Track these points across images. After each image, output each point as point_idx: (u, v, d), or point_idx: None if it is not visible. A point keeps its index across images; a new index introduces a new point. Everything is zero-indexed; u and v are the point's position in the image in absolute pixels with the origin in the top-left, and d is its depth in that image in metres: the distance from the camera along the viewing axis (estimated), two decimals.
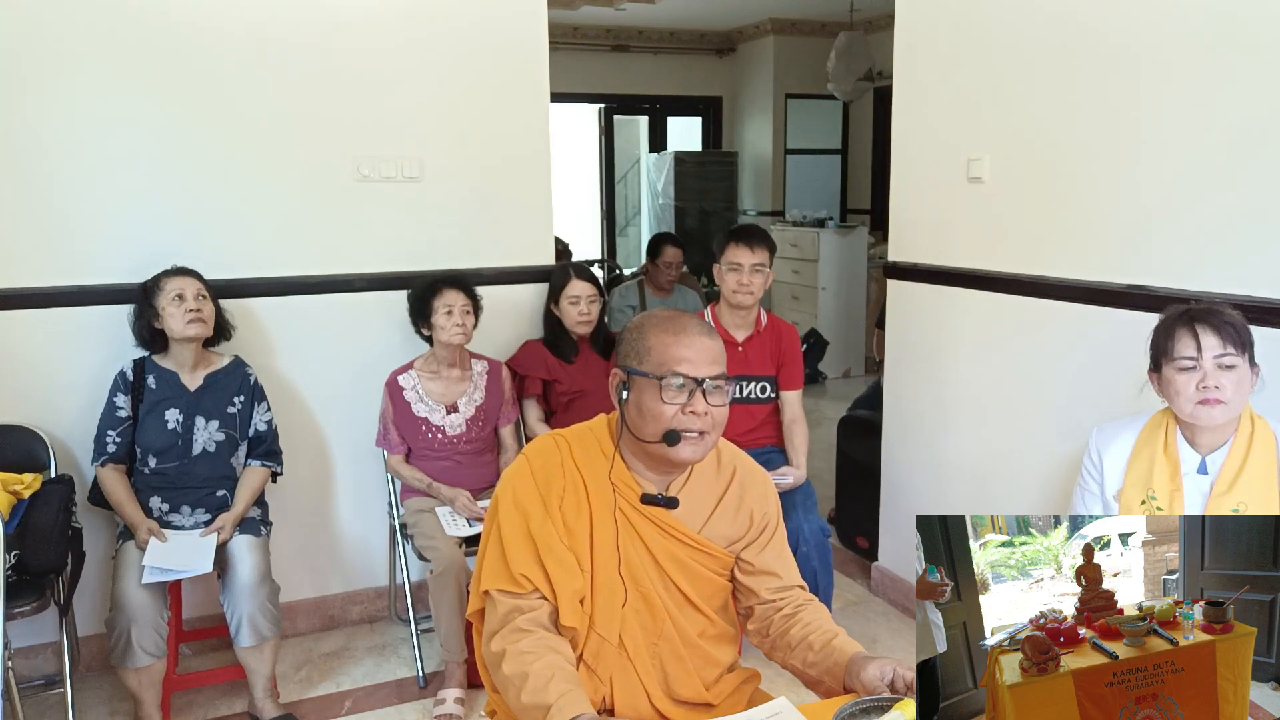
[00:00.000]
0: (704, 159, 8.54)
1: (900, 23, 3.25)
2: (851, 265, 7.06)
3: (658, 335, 1.56)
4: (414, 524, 2.92)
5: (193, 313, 2.68)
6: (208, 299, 2.75)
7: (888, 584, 3.53)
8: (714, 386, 1.55)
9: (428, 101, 3.16)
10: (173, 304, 2.68)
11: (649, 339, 1.56)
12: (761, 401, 3.09)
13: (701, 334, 1.57)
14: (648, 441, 1.56)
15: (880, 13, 7.14)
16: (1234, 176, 2.25)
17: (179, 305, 2.67)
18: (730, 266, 2.98)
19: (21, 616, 2.42)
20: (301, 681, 2.99)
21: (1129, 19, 2.45)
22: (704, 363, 1.54)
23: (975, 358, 3.06)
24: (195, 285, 2.73)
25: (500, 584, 1.55)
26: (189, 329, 2.68)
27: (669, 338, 1.55)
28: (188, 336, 2.70)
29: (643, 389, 1.55)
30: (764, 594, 1.68)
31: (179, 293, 2.68)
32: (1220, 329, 1.87)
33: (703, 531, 1.64)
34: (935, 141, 3.12)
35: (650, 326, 1.58)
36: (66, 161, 2.80)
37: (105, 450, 2.69)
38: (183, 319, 2.67)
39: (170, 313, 2.67)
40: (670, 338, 1.55)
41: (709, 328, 1.60)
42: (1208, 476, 1.95)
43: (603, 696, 1.59)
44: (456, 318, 2.94)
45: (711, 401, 1.54)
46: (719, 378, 1.55)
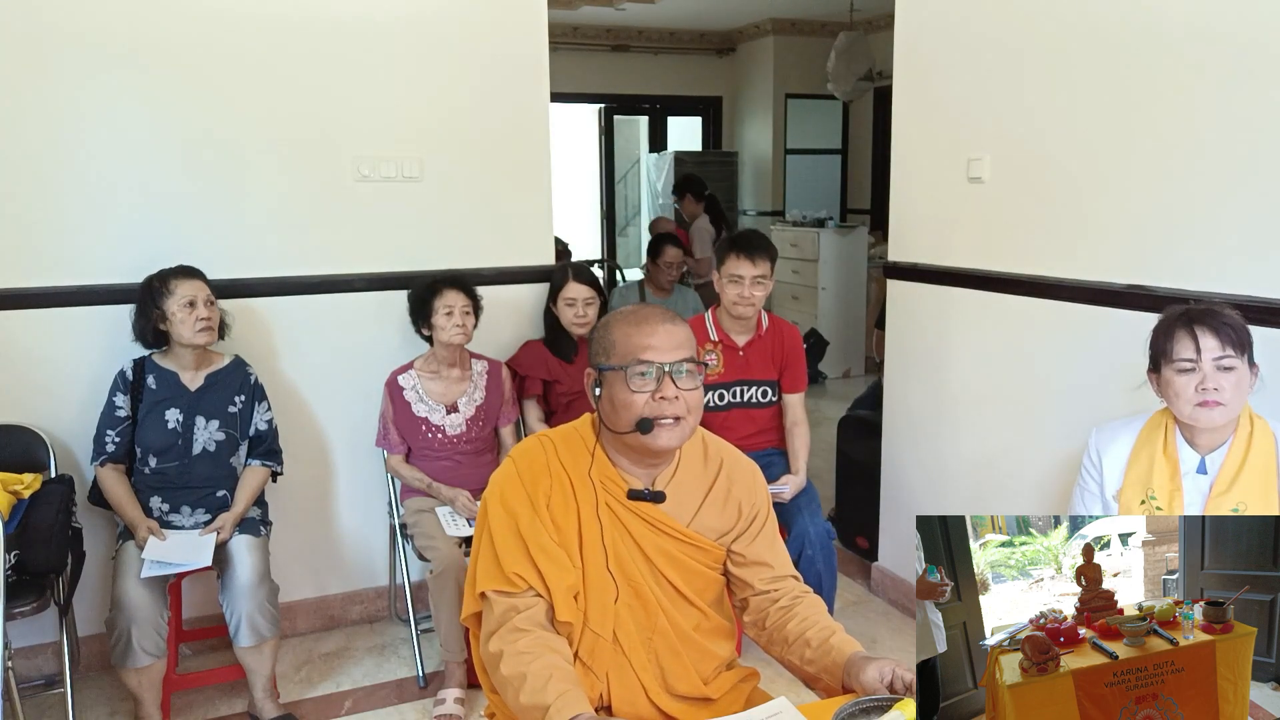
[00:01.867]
0: (704, 159, 8.55)
1: (900, 23, 3.25)
2: (851, 265, 7.06)
3: (621, 328, 1.58)
4: (414, 524, 2.92)
5: (203, 321, 2.67)
6: (214, 303, 2.74)
7: (888, 584, 3.53)
8: (682, 371, 1.55)
9: (428, 102, 3.16)
10: (184, 309, 2.66)
11: (614, 333, 1.59)
12: (763, 405, 3.08)
13: (664, 321, 1.58)
14: (623, 433, 1.57)
15: (880, 13, 7.14)
16: (1234, 177, 2.25)
17: (190, 312, 2.66)
18: (731, 278, 2.95)
19: (21, 616, 2.42)
20: (301, 681, 2.99)
21: (1129, 19, 2.45)
22: (668, 348, 1.55)
23: (975, 358, 3.06)
24: (205, 290, 2.72)
25: (495, 584, 1.55)
26: (199, 337, 2.68)
27: (631, 329, 1.57)
28: (196, 344, 2.70)
29: (613, 382, 1.57)
30: (757, 585, 1.68)
31: (190, 299, 2.66)
32: (1219, 330, 1.87)
33: (691, 525, 1.65)
34: (935, 141, 3.12)
35: (614, 322, 1.61)
36: (67, 162, 2.80)
37: (105, 450, 2.69)
38: (194, 326, 2.66)
39: (181, 319, 2.66)
40: (632, 328, 1.57)
41: (672, 315, 1.61)
42: (1207, 476, 1.95)
43: (600, 693, 1.59)
44: (457, 318, 2.94)
45: (682, 386, 1.55)
46: (687, 361, 1.56)
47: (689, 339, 1.59)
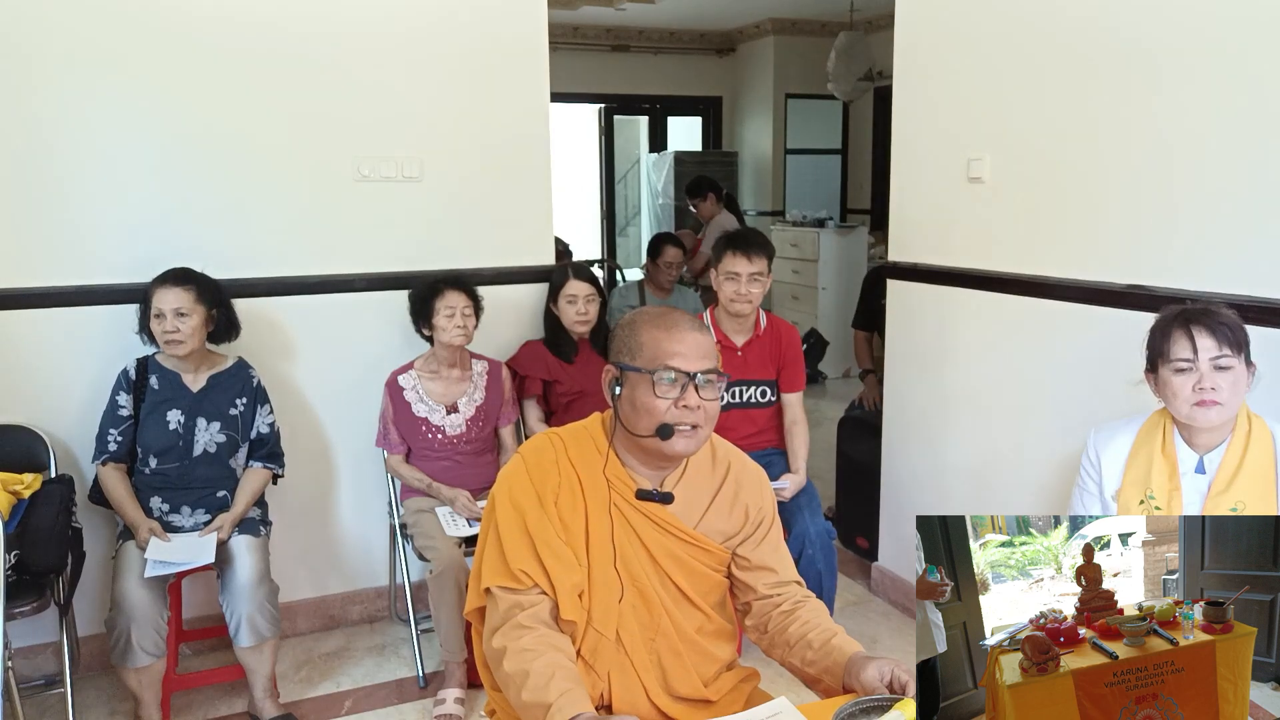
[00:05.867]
0: (704, 159, 8.54)
1: (900, 23, 3.25)
2: (851, 265, 7.06)
3: (650, 331, 1.58)
4: (414, 524, 2.92)
5: (167, 334, 2.64)
6: (193, 312, 2.66)
7: (888, 584, 3.53)
8: (706, 381, 1.56)
9: (428, 101, 3.16)
10: (155, 321, 2.66)
11: (641, 335, 1.58)
12: (762, 405, 3.08)
13: (693, 329, 1.59)
14: (641, 436, 1.57)
15: (880, 13, 7.14)
16: (1234, 177, 2.25)
17: (159, 324, 2.65)
18: (727, 276, 2.95)
19: (21, 616, 2.43)
20: (301, 681, 2.99)
21: (1130, 19, 2.45)
22: (695, 357, 1.56)
23: (975, 358, 3.06)
24: (177, 300, 2.64)
25: (500, 580, 1.56)
26: (167, 348, 2.67)
27: (660, 333, 1.57)
28: (171, 354, 2.70)
29: (635, 384, 1.57)
30: (761, 589, 1.69)
31: (159, 311, 2.65)
32: (1216, 330, 1.87)
33: (698, 527, 1.65)
34: (935, 141, 3.12)
35: (642, 323, 1.60)
36: (67, 161, 2.80)
37: (106, 449, 2.69)
38: (162, 338, 2.66)
39: (156, 329, 2.67)
40: (662, 333, 1.57)
41: (700, 323, 1.62)
42: (1205, 476, 1.95)
43: (601, 692, 1.59)
44: (458, 319, 2.94)
45: (704, 395, 1.56)
46: (711, 372, 1.57)
47: (713, 348, 1.60)
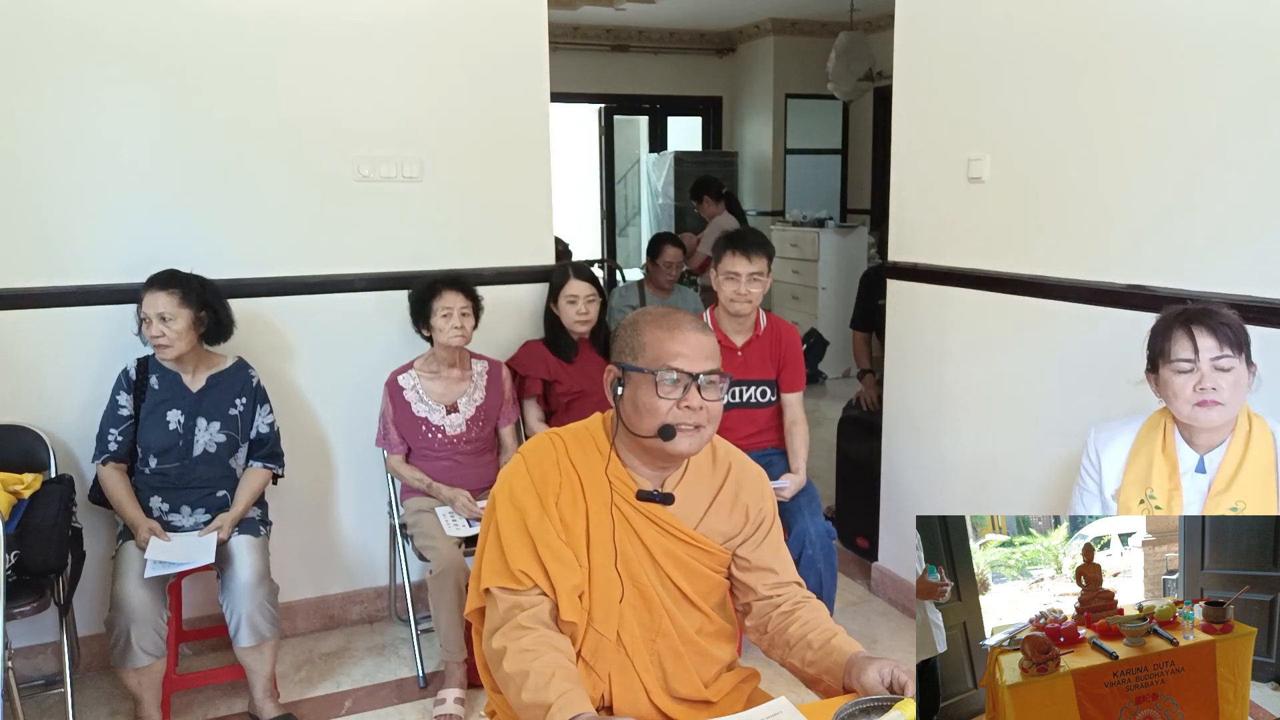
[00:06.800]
0: (704, 159, 8.54)
1: (900, 23, 3.25)
2: (851, 265, 7.06)
3: (653, 331, 1.58)
4: (414, 524, 2.92)
5: (155, 339, 2.65)
6: (178, 316, 2.63)
7: (888, 584, 3.53)
8: (708, 381, 1.56)
9: (428, 102, 3.16)
10: (144, 326, 2.66)
11: (644, 335, 1.58)
12: (762, 405, 3.08)
13: (696, 330, 1.58)
14: (643, 436, 1.57)
15: (880, 13, 7.14)
16: (1233, 177, 2.25)
17: (147, 329, 2.66)
18: (727, 276, 2.94)
19: (21, 616, 2.43)
20: (301, 681, 2.99)
21: (1129, 19, 2.45)
22: (699, 358, 1.56)
23: (975, 358, 3.06)
24: (161, 304, 2.63)
25: (500, 581, 1.55)
26: (156, 353, 2.68)
27: (664, 334, 1.57)
28: (160, 358, 2.70)
29: (638, 384, 1.57)
30: (761, 590, 1.68)
31: (145, 315, 2.65)
32: (1216, 330, 1.87)
33: (699, 528, 1.65)
34: (935, 141, 3.12)
35: (645, 323, 1.60)
36: (66, 162, 2.80)
37: (107, 448, 2.69)
38: (150, 343, 2.67)
39: (144, 333, 2.67)
40: (665, 333, 1.57)
41: (703, 324, 1.62)
42: (1206, 475, 1.95)
43: (601, 693, 1.59)
44: (455, 320, 2.93)
45: (706, 396, 1.56)
46: (713, 373, 1.57)
47: (716, 349, 1.60)
